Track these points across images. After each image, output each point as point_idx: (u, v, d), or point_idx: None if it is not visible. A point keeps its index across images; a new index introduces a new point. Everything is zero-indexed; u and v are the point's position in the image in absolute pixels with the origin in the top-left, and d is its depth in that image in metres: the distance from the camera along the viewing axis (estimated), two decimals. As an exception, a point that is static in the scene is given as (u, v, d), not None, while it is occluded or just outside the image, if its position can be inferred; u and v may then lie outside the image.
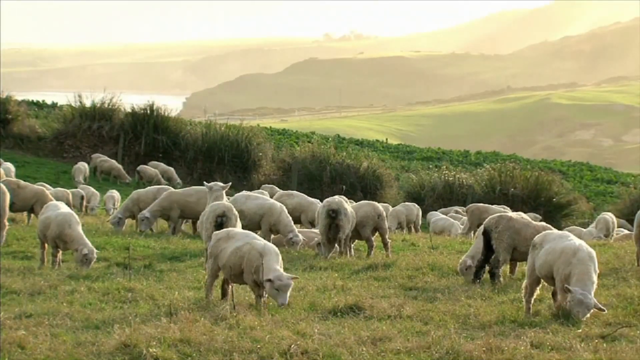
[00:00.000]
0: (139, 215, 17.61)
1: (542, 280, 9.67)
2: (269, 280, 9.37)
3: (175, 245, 15.51)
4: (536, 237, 10.03)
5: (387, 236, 15.09)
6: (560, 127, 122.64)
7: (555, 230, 10.62)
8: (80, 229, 12.88)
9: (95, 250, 12.72)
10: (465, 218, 22.85)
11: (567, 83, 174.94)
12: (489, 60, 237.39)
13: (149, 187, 19.83)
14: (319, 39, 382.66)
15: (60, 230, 12.65)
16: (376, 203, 15.59)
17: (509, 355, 7.68)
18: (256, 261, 9.65)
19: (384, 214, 15.33)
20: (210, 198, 14.58)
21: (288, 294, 9.38)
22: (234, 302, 9.64)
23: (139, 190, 19.31)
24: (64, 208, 13.40)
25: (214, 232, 10.72)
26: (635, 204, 28.31)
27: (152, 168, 30.62)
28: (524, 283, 9.84)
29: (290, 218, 15.52)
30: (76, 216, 13.15)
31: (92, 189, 23.83)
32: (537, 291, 9.77)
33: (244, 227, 14.86)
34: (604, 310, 8.92)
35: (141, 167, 30.61)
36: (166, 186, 19.78)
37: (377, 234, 15.07)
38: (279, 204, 15.63)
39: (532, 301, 9.66)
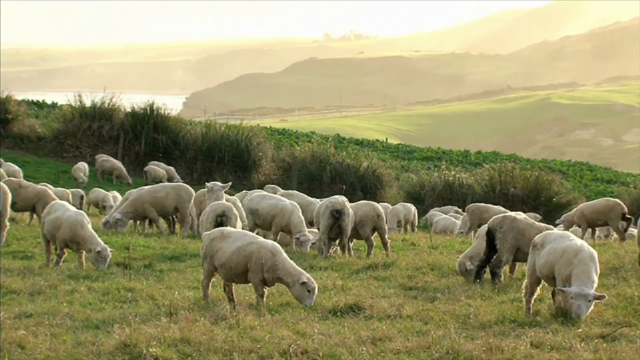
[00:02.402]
0: (112, 218, 17.55)
1: (542, 280, 9.66)
2: (304, 282, 9.54)
3: (175, 245, 15.52)
4: (536, 237, 10.02)
5: (386, 236, 15.10)
6: (560, 127, 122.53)
7: (555, 231, 10.60)
8: (91, 228, 12.88)
9: (108, 248, 12.72)
10: (442, 216, 23.05)
11: (567, 83, 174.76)
12: (489, 60, 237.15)
13: (145, 188, 19.57)
14: (319, 39, 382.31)
15: (73, 231, 12.61)
16: (375, 203, 15.62)
17: (509, 355, 7.69)
18: (269, 260, 9.72)
19: (383, 213, 15.36)
20: (210, 198, 14.61)
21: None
22: (234, 302, 9.65)
23: (133, 190, 19.10)
24: (71, 208, 13.35)
25: (206, 233, 10.68)
26: (635, 203, 28.29)
27: (160, 169, 30.45)
28: (524, 283, 9.84)
29: (302, 219, 15.36)
30: (86, 216, 13.15)
31: (104, 191, 23.95)
32: (538, 291, 9.77)
33: (258, 227, 15.11)
34: (604, 297, 8.90)
35: (149, 167, 30.42)
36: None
37: (376, 233, 15.08)
38: (291, 204, 15.46)
39: (533, 301, 9.66)
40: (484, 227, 12.66)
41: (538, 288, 9.73)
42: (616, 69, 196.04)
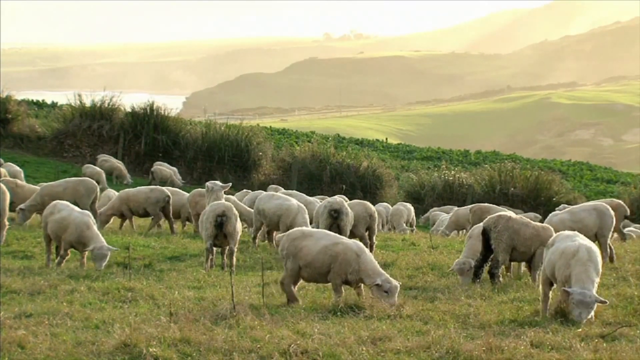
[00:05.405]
0: (18, 207, 17.56)
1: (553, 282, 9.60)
2: (378, 285, 9.71)
3: (175, 244, 15.54)
4: (551, 237, 10.10)
5: (374, 237, 15.47)
6: (560, 127, 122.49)
7: (566, 231, 10.47)
8: (96, 228, 12.85)
9: (106, 247, 12.65)
10: (445, 215, 23.08)
11: (567, 83, 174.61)
12: (489, 60, 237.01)
13: (139, 187, 19.46)
14: (319, 39, 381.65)
15: (79, 232, 12.58)
16: (368, 203, 15.88)
17: (509, 355, 7.69)
18: (354, 261, 9.89)
19: (375, 213, 15.63)
20: (209, 198, 14.59)
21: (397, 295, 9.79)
22: (233, 302, 9.65)
23: (127, 189, 19.14)
24: (76, 208, 13.30)
25: (286, 233, 10.65)
26: (635, 203, 28.29)
27: (166, 169, 30.38)
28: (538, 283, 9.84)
29: (307, 220, 15.33)
30: (92, 216, 13.14)
31: (113, 191, 23.88)
32: (550, 294, 9.67)
33: (266, 226, 15.24)
34: (606, 302, 8.91)
35: (156, 167, 30.33)
36: (158, 187, 19.42)
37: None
38: (297, 205, 15.42)
39: (549, 302, 9.57)
40: (476, 227, 12.65)
41: (550, 290, 9.65)
42: (616, 69, 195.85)
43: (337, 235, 10.53)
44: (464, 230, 20.34)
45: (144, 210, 18.12)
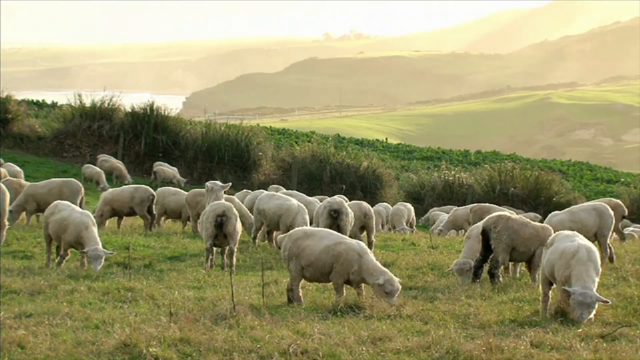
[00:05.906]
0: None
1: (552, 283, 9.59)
2: (380, 284, 9.69)
3: (175, 244, 15.53)
4: (550, 236, 10.08)
5: (373, 235, 15.52)
6: (560, 127, 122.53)
7: (565, 231, 10.47)
8: (95, 230, 12.82)
9: (101, 249, 12.57)
10: (445, 215, 23.11)
11: (567, 83, 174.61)
12: (489, 60, 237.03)
13: (123, 187, 19.33)
14: (319, 39, 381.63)
15: (77, 232, 12.56)
16: (364, 202, 15.96)
17: (509, 355, 7.68)
18: (355, 262, 9.87)
19: (371, 212, 15.68)
20: (209, 198, 14.59)
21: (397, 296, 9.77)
22: (233, 302, 9.65)
23: (112, 190, 19.01)
24: (77, 208, 13.27)
25: (288, 233, 10.62)
26: (635, 203, 28.31)
27: (168, 169, 30.34)
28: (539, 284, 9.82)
29: (307, 220, 15.31)
30: (92, 217, 13.12)
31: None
32: (550, 293, 9.66)
33: (267, 227, 15.42)
34: (607, 302, 8.91)
35: (158, 168, 30.28)
36: (142, 186, 19.27)
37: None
38: (297, 205, 15.43)
39: (549, 302, 9.57)
40: (475, 228, 12.64)
41: (550, 290, 9.65)
42: (616, 69, 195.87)
43: (339, 234, 10.50)
44: (463, 230, 20.33)
45: (129, 209, 18.10)
